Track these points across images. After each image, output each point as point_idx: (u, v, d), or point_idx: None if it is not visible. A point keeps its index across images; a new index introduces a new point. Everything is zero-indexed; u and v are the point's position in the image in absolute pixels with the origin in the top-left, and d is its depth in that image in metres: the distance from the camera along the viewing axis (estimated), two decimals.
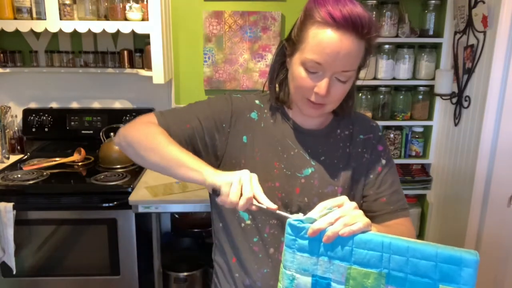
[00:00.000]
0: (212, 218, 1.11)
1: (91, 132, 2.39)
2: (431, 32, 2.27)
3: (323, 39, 0.84)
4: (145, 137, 0.94)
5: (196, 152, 0.98)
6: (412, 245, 0.71)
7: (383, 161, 1.04)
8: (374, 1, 2.20)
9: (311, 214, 0.77)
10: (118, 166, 2.20)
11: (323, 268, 0.76)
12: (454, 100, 2.14)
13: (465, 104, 2.05)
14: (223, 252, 1.08)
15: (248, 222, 1.01)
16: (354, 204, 0.77)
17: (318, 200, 0.81)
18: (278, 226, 0.99)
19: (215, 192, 0.83)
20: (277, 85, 1.02)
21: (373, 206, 1.02)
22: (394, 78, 2.31)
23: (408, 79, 2.30)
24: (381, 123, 2.38)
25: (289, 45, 0.94)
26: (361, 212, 0.76)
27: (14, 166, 2.21)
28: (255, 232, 1.01)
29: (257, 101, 1.05)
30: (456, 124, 2.13)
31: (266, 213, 0.98)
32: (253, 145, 1.01)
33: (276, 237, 1.00)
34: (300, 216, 0.77)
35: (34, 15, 2.06)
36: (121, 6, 2.08)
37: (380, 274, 0.72)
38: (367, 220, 0.75)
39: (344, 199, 0.78)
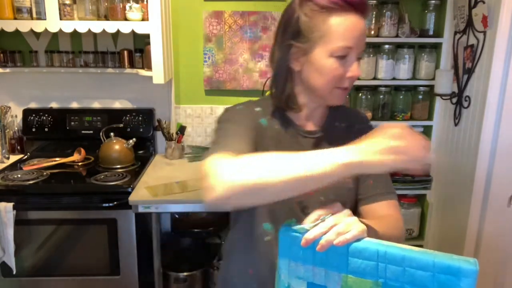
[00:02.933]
0: (231, 226, 1.09)
1: (91, 132, 2.39)
2: (431, 32, 2.27)
3: (350, 24, 0.90)
4: (254, 169, 0.76)
5: None
6: (408, 254, 0.69)
7: None
8: (374, 1, 2.19)
9: (305, 222, 0.76)
10: (118, 166, 2.21)
11: (317, 276, 0.75)
12: (454, 100, 2.14)
13: (465, 104, 2.04)
14: (238, 262, 1.06)
15: (274, 233, 0.98)
16: (347, 211, 0.77)
17: (334, 197, 0.80)
18: None
19: None
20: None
21: (360, 188, 1.03)
22: (394, 78, 2.30)
23: (408, 79, 2.30)
24: (381, 123, 2.38)
25: (303, 43, 0.92)
26: (355, 218, 0.75)
27: (14, 166, 2.21)
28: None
29: (257, 109, 1.03)
30: (456, 124, 2.13)
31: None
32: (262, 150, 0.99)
33: None
34: (293, 224, 0.76)
35: (34, 15, 2.06)
36: (121, 6, 2.07)
37: (376, 283, 0.71)
38: (362, 227, 0.74)
39: (337, 206, 0.78)
